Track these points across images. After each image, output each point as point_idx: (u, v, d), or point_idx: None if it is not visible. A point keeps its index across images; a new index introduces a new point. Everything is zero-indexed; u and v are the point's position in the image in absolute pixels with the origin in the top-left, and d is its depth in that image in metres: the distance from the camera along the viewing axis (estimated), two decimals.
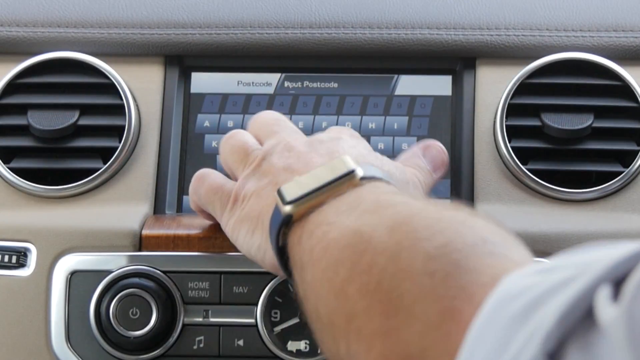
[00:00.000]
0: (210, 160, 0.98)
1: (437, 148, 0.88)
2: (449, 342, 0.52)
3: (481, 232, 0.59)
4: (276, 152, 0.80)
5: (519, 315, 0.47)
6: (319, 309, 0.64)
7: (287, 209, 0.70)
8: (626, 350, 0.41)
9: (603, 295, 0.44)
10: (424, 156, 0.87)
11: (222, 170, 0.97)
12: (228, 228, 0.81)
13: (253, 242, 0.77)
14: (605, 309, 0.43)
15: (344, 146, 0.80)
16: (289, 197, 0.70)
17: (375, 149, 0.98)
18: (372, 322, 0.57)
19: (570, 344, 0.44)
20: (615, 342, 0.42)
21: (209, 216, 0.86)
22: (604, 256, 0.46)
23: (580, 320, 0.44)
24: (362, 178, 0.70)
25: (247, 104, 1.00)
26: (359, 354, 0.58)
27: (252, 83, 1.01)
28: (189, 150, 0.99)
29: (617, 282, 0.44)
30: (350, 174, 0.70)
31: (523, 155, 0.94)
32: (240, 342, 0.87)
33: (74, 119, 0.96)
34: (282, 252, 0.72)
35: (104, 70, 0.99)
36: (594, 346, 0.43)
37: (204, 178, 0.85)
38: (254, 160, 0.81)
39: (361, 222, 0.63)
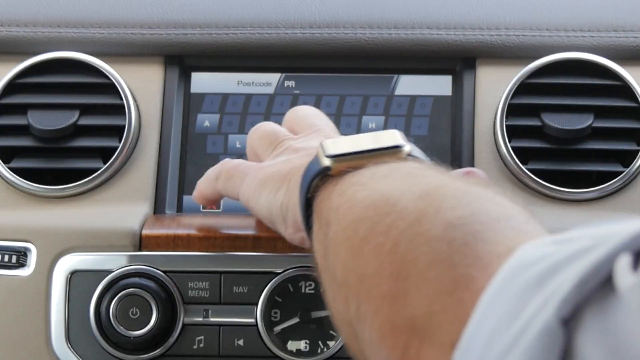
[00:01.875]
0: (211, 160, 0.98)
1: (479, 175, 0.85)
2: (459, 308, 0.52)
3: (507, 210, 0.59)
4: (314, 138, 0.79)
5: (534, 282, 0.47)
6: (336, 266, 0.63)
7: (327, 161, 0.69)
8: None
9: (622, 264, 0.43)
10: None
11: None
12: (249, 189, 0.80)
13: (276, 201, 0.77)
14: (625, 276, 0.43)
15: None
16: (331, 151, 0.69)
17: None
18: (381, 284, 0.57)
19: (587, 309, 0.44)
20: (633, 308, 0.41)
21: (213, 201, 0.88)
22: (622, 228, 0.46)
23: (598, 287, 0.44)
24: (408, 155, 0.70)
25: (247, 104, 1.00)
26: (367, 316, 0.58)
27: (252, 83, 1.01)
28: (189, 150, 0.99)
29: (637, 252, 0.44)
30: (397, 148, 0.70)
31: (523, 155, 0.94)
32: (240, 342, 0.87)
33: (74, 119, 0.96)
34: (307, 206, 0.71)
35: (104, 70, 0.99)
36: (610, 312, 0.43)
37: (218, 171, 0.85)
38: (285, 144, 0.80)
39: (391, 187, 0.63)
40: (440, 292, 0.54)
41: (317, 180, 0.70)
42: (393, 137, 0.71)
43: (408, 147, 0.70)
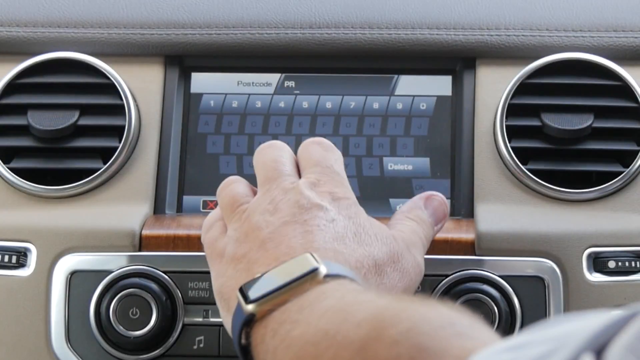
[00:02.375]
0: (210, 160, 0.98)
1: (439, 199, 0.85)
2: None
3: (449, 316, 0.58)
4: (258, 212, 0.78)
5: None
6: None
7: (250, 308, 0.69)
8: None
9: None
10: (426, 207, 0.85)
11: (223, 172, 0.97)
12: (213, 289, 0.80)
13: (227, 323, 0.76)
14: None
15: (321, 222, 0.77)
16: (251, 295, 0.69)
17: (376, 148, 0.98)
18: None
19: None
20: None
21: None
22: (579, 328, 0.45)
23: None
24: (326, 276, 0.69)
25: (247, 104, 1.00)
26: None
27: (252, 83, 1.01)
28: (189, 150, 0.99)
29: (598, 351, 0.43)
30: (314, 272, 0.69)
31: (523, 155, 0.94)
32: None
33: (74, 119, 0.96)
34: (245, 351, 0.70)
35: (104, 70, 0.99)
36: None
37: (207, 228, 0.84)
38: (239, 218, 0.79)
39: (325, 320, 0.63)
40: None
41: (246, 327, 0.69)
42: (306, 261, 0.70)
43: (323, 267, 0.70)
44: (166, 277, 0.88)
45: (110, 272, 0.88)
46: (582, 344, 0.44)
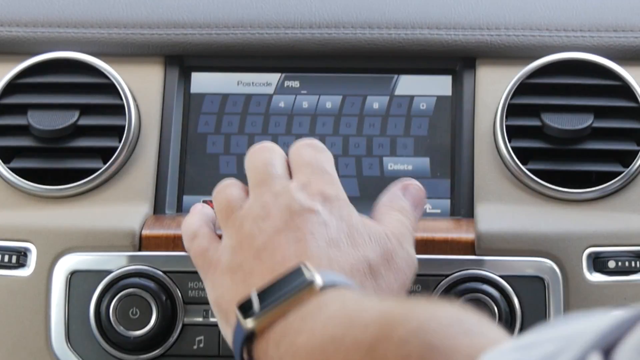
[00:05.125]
0: (210, 160, 0.98)
1: (416, 186, 0.85)
2: None
3: (456, 314, 0.58)
4: (251, 218, 0.78)
5: None
6: None
7: (249, 324, 0.69)
8: None
9: None
10: (405, 196, 0.84)
11: (224, 172, 0.97)
12: (210, 301, 0.79)
13: (226, 335, 0.76)
14: None
15: (314, 228, 0.76)
16: (249, 312, 0.69)
17: (376, 148, 0.98)
18: None
19: None
20: None
21: None
22: (587, 328, 0.45)
23: None
24: (323, 286, 0.69)
25: (247, 104, 1.00)
26: None
27: (252, 83, 1.01)
28: (189, 151, 0.99)
29: (606, 351, 0.43)
30: (310, 284, 0.69)
31: (523, 155, 0.94)
32: None
33: (74, 119, 0.96)
34: None
35: (104, 70, 0.99)
36: None
37: (190, 237, 0.83)
38: (234, 225, 0.79)
39: (331, 326, 0.63)
40: None
41: (248, 343, 0.70)
42: (301, 273, 0.70)
43: (318, 277, 0.69)
44: (166, 277, 0.88)
45: (110, 272, 0.88)
46: (589, 343, 0.44)
